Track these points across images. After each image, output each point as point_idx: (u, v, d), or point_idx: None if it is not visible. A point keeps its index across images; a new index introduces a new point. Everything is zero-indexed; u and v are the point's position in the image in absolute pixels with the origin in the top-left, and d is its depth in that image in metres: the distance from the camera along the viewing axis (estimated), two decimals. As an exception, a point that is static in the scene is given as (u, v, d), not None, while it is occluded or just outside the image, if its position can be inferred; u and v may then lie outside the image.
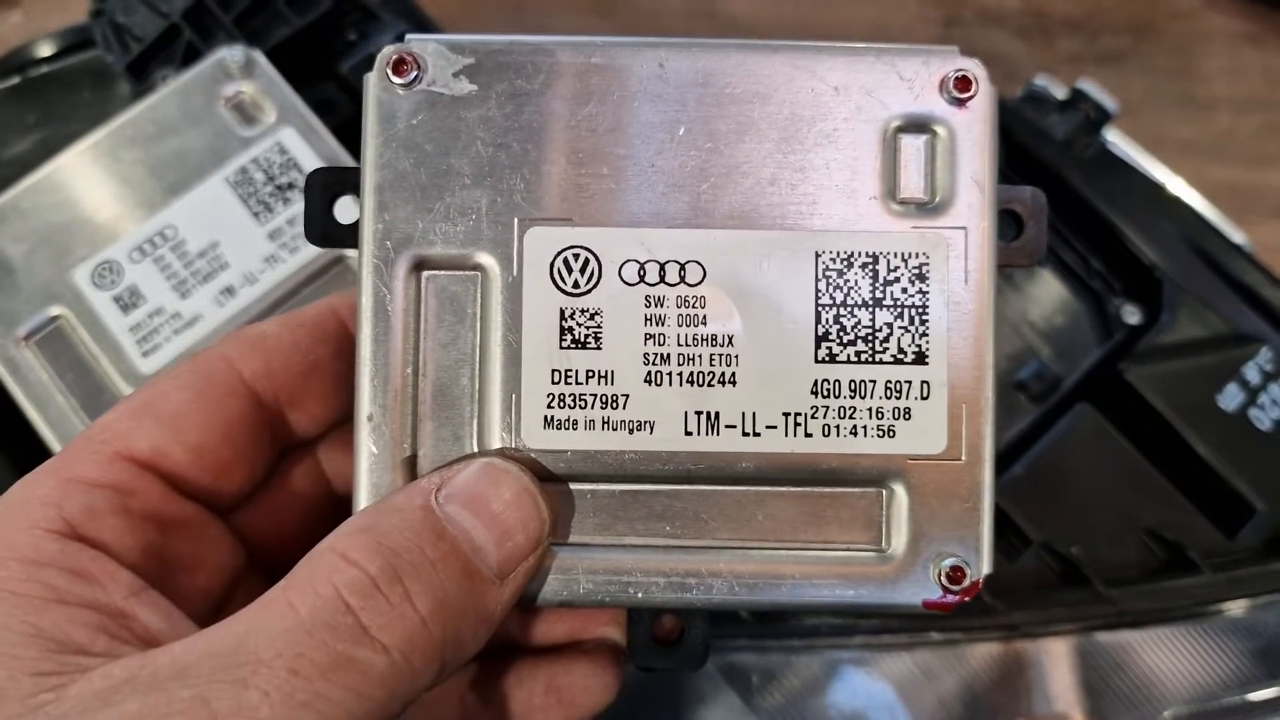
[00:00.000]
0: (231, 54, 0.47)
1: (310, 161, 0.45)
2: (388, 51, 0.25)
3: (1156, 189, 0.55)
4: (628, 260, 0.25)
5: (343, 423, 0.28)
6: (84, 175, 0.45)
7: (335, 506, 0.28)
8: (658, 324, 0.25)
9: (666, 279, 0.25)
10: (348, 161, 0.46)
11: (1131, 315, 0.50)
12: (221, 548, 0.26)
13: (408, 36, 0.25)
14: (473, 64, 0.25)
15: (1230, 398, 0.46)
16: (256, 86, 0.47)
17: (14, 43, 0.55)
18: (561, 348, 0.25)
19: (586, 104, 0.25)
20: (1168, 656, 0.41)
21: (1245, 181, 0.98)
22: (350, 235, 0.25)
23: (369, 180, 0.25)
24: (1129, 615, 0.42)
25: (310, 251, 0.44)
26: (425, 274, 0.25)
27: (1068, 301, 0.50)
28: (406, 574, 0.21)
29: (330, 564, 0.21)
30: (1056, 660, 0.41)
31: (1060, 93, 0.59)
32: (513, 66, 0.25)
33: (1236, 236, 0.54)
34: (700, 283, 0.25)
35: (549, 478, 0.25)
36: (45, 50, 0.56)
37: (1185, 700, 0.40)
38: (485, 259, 0.25)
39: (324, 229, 0.26)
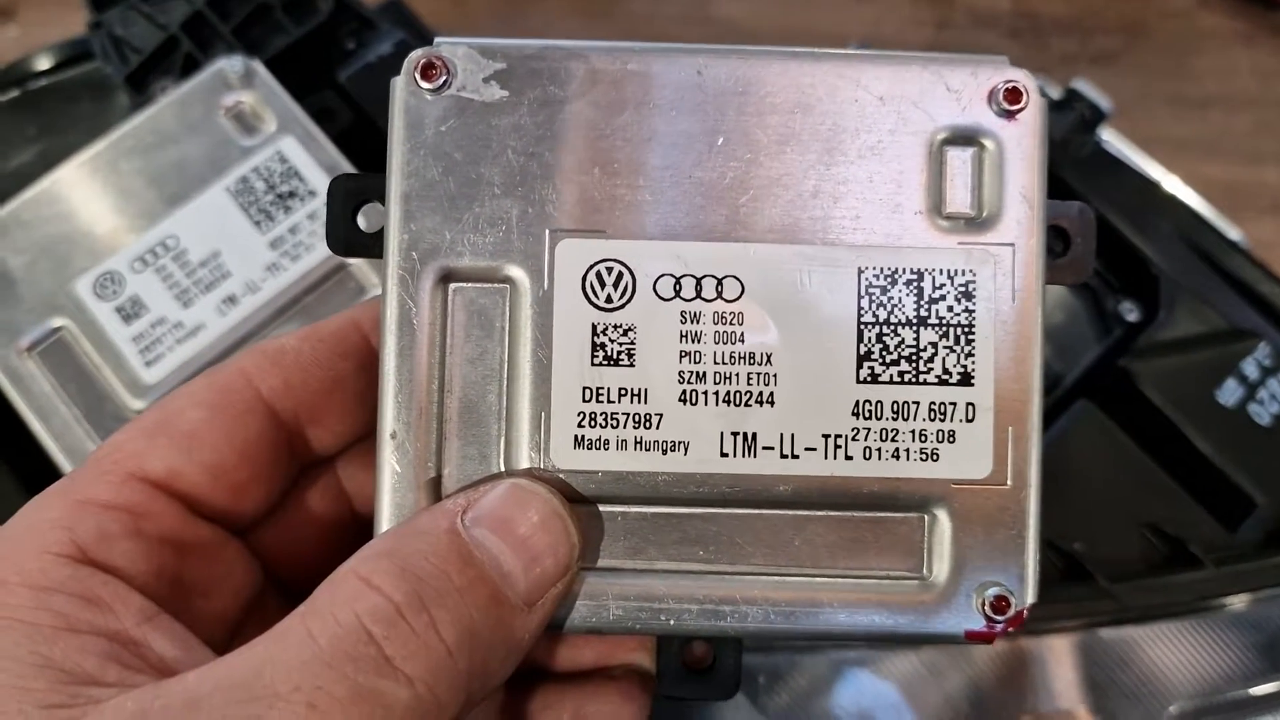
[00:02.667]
0: (230, 64, 0.47)
1: (310, 170, 0.46)
2: (416, 55, 0.24)
3: (1152, 187, 0.55)
4: (663, 274, 0.24)
5: (364, 439, 0.27)
6: (85, 186, 0.45)
7: (356, 526, 0.27)
8: (694, 341, 0.24)
9: (703, 294, 0.24)
10: (347, 169, 0.46)
11: (1130, 312, 0.50)
12: (238, 570, 0.25)
13: (437, 39, 0.24)
14: (504, 69, 0.24)
15: (1229, 393, 0.46)
16: (256, 96, 0.47)
17: (11, 56, 0.55)
18: (593, 365, 0.24)
19: (622, 112, 0.24)
20: (1171, 651, 0.41)
21: (1239, 179, 0.98)
22: (374, 244, 0.25)
23: (395, 188, 0.24)
24: (1132, 611, 0.42)
25: (312, 259, 0.44)
26: (452, 286, 0.24)
27: (1066, 299, 0.51)
28: (432, 601, 0.20)
29: (352, 589, 0.20)
30: (1061, 657, 0.41)
31: (1055, 93, 0.60)
32: (546, 72, 0.24)
33: (1232, 233, 0.55)
34: (738, 298, 0.24)
35: (579, 499, 0.24)
36: (44, 63, 0.56)
37: (1189, 695, 0.40)
38: (515, 271, 0.24)
39: (346, 237, 0.25)
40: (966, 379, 0.24)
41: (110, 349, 0.43)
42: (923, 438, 0.24)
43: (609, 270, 0.24)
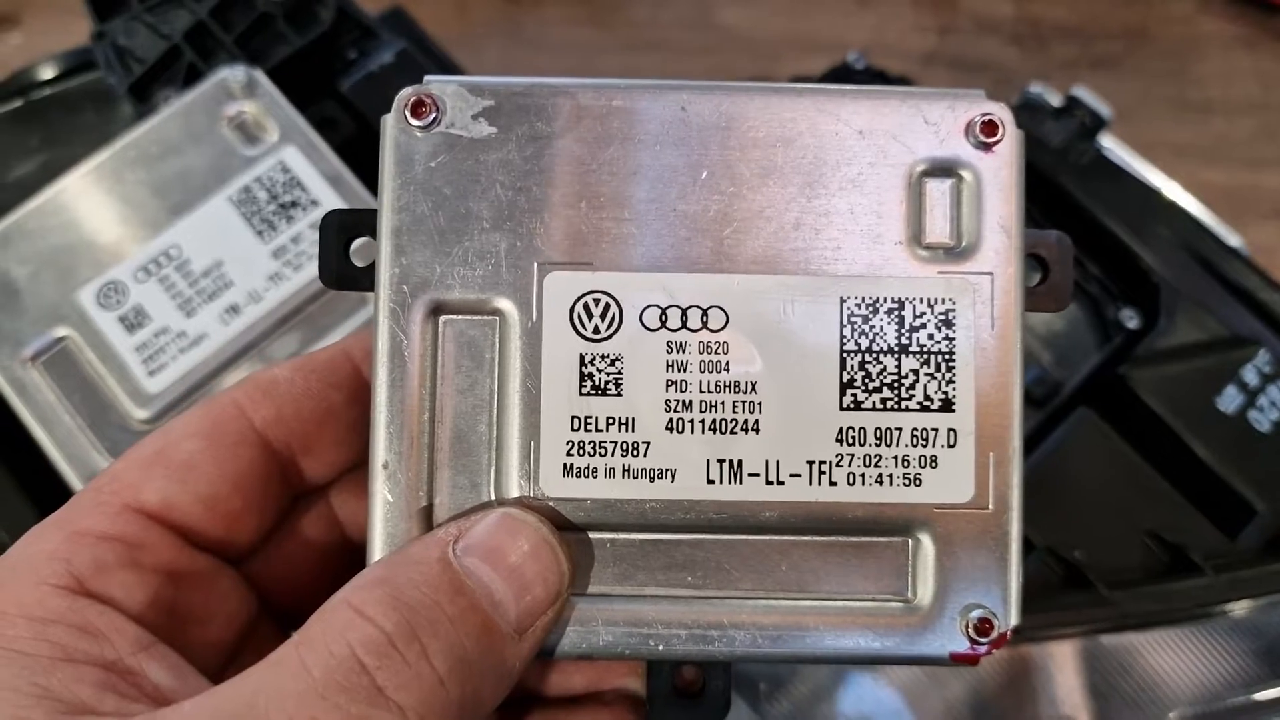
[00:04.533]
0: (233, 73, 0.47)
1: (312, 179, 0.46)
2: (406, 93, 0.24)
3: (1152, 194, 0.56)
4: (649, 305, 0.24)
5: (356, 468, 0.27)
6: (88, 196, 0.46)
7: (349, 554, 0.28)
8: (680, 370, 0.24)
9: (689, 324, 0.24)
10: (349, 179, 0.46)
11: (1130, 320, 0.50)
12: (233, 599, 0.26)
13: (426, 78, 0.25)
14: (492, 106, 0.25)
15: (1229, 400, 0.46)
16: (258, 106, 0.47)
17: (14, 65, 0.56)
18: (581, 394, 0.24)
19: (608, 147, 0.25)
20: (1172, 658, 0.41)
21: (1241, 184, 0.98)
22: (365, 278, 0.25)
23: (386, 223, 0.24)
24: (1132, 618, 0.42)
25: (315, 268, 0.44)
26: (443, 318, 0.24)
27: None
28: (423, 631, 0.20)
29: (344, 619, 0.20)
30: (1062, 664, 0.42)
31: (1055, 100, 0.60)
32: (533, 109, 0.25)
33: (1232, 240, 0.55)
34: (723, 328, 0.24)
35: (568, 527, 0.24)
36: (47, 73, 0.56)
37: (1190, 701, 0.41)
38: (504, 304, 0.24)
39: (339, 271, 0.25)
40: (948, 405, 0.24)
41: (113, 359, 0.43)
42: (905, 463, 0.24)
43: (596, 302, 0.24)
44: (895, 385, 0.24)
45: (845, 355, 0.24)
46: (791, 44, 0.98)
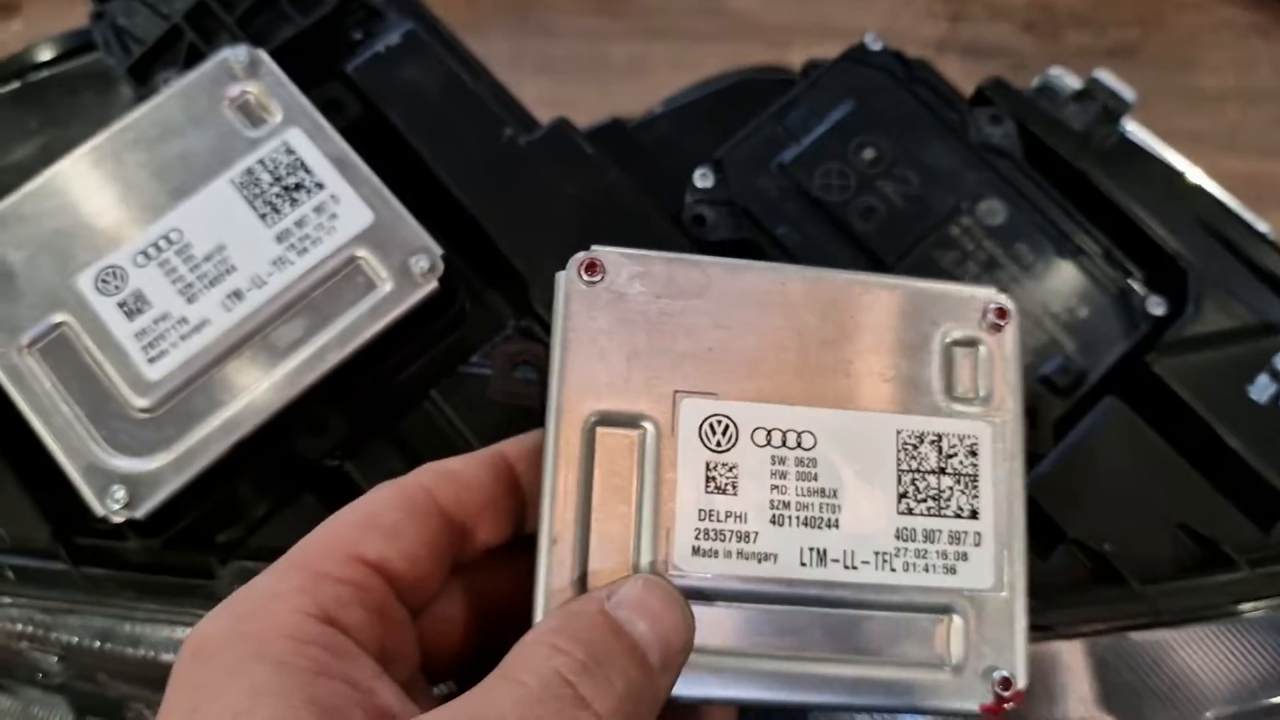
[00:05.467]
0: (235, 54, 0.46)
1: (317, 161, 0.45)
2: (580, 256, 0.32)
3: (1177, 178, 0.54)
4: (758, 427, 0.31)
5: (497, 550, 0.32)
6: (86, 179, 0.44)
7: (481, 619, 0.33)
8: (780, 478, 0.31)
9: (787, 444, 0.31)
10: (355, 161, 0.45)
11: (1157, 307, 0.49)
12: (412, 647, 0.30)
13: (594, 247, 0.32)
14: (644, 271, 0.32)
15: (1262, 389, 0.45)
16: (261, 87, 0.46)
17: (15, 50, 0.54)
18: (706, 492, 0.31)
19: (729, 308, 0.32)
20: (1206, 655, 0.40)
21: (1257, 172, 0.97)
22: (527, 391, 0.33)
23: (557, 354, 0.31)
24: (1165, 613, 0.40)
25: (320, 253, 0.43)
26: (599, 429, 0.31)
27: (1091, 293, 0.49)
28: (603, 661, 0.26)
29: (544, 652, 0.26)
30: (1091, 660, 0.40)
31: (1074, 84, 0.58)
32: (674, 277, 0.32)
33: (1261, 226, 0.53)
34: (813, 448, 0.32)
35: (693, 595, 0.30)
36: (45, 55, 0.55)
37: (1226, 700, 0.39)
38: (648, 422, 0.31)
39: (506, 388, 0.34)
40: (974, 514, 0.32)
41: (113, 345, 0.42)
42: (945, 556, 0.31)
43: (719, 422, 0.31)
44: (937, 498, 0.32)
45: (900, 473, 0.32)
46: (803, 30, 0.97)
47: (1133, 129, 0.58)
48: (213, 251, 0.43)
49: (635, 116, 0.60)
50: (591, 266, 0.32)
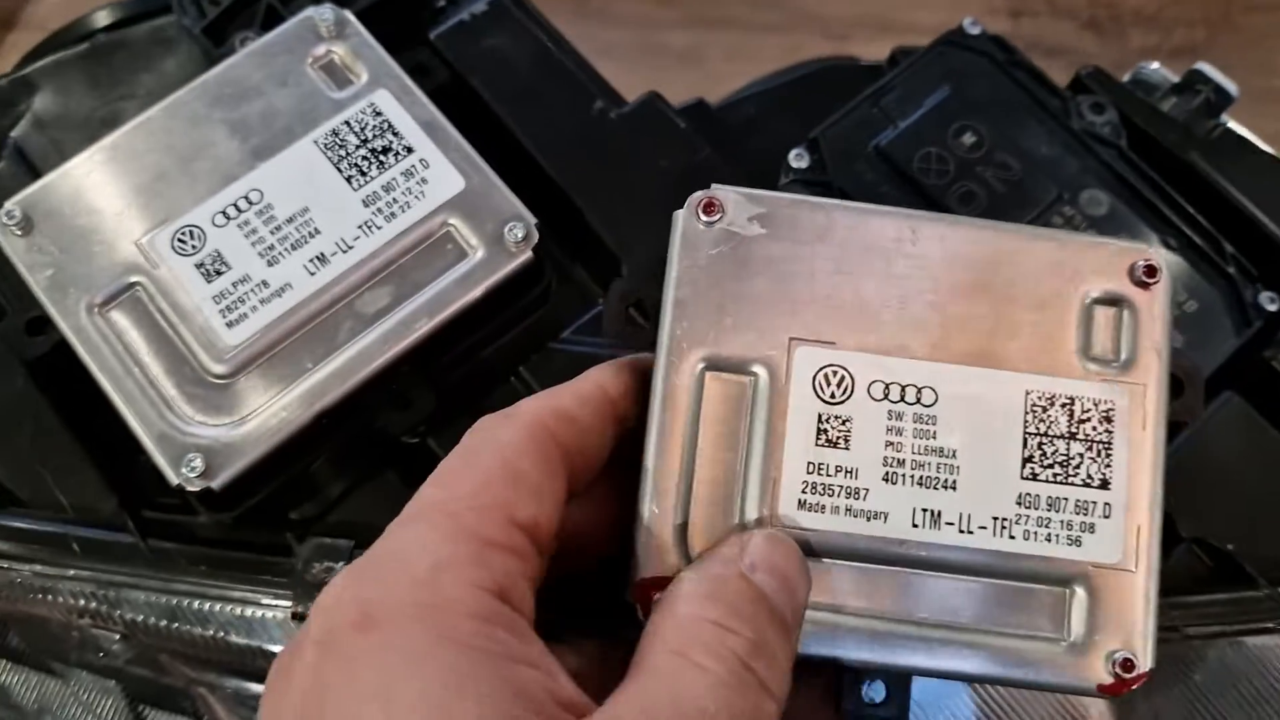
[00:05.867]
0: (321, 13, 0.44)
1: (406, 124, 0.43)
2: (698, 196, 0.30)
3: (1284, 173, 0.52)
4: (875, 380, 0.30)
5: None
6: (162, 136, 0.42)
7: (570, 551, 0.30)
8: (896, 434, 0.30)
9: (905, 399, 0.30)
10: (444, 124, 0.43)
11: (1270, 303, 0.47)
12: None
13: (714, 185, 0.31)
14: (764, 213, 0.31)
15: (1388, 388, 0.43)
16: (347, 47, 0.44)
17: (81, 10, 0.53)
18: (816, 445, 0.30)
19: (852, 254, 0.31)
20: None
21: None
22: (641, 337, 0.31)
23: (670, 294, 0.30)
24: (1294, 618, 0.38)
25: (408, 218, 0.41)
26: (709, 374, 0.30)
27: (1200, 288, 0.47)
28: (765, 639, 0.25)
29: (711, 631, 0.25)
30: (1215, 663, 0.38)
31: (1170, 78, 0.56)
32: (796, 220, 0.31)
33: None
34: (933, 404, 0.30)
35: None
36: (110, 17, 0.53)
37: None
38: (760, 368, 0.30)
39: (620, 329, 0.31)
40: (1105, 484, 0.30)
41: (189, 307, 0.40)
42: (1069, 527, 0.29)
43: (834, 373, 0.30)
44: (1065, 464, 0.30)
45: (1027, 436, 0.30)
46: (862, 24, 0.95)
47: (1233, 124, 0.56)
48: (296, 214, 0.41)
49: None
50: (710, 206, 0.30)
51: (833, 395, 0.30)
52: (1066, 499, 0.30)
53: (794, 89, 0.56)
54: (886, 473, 0.30)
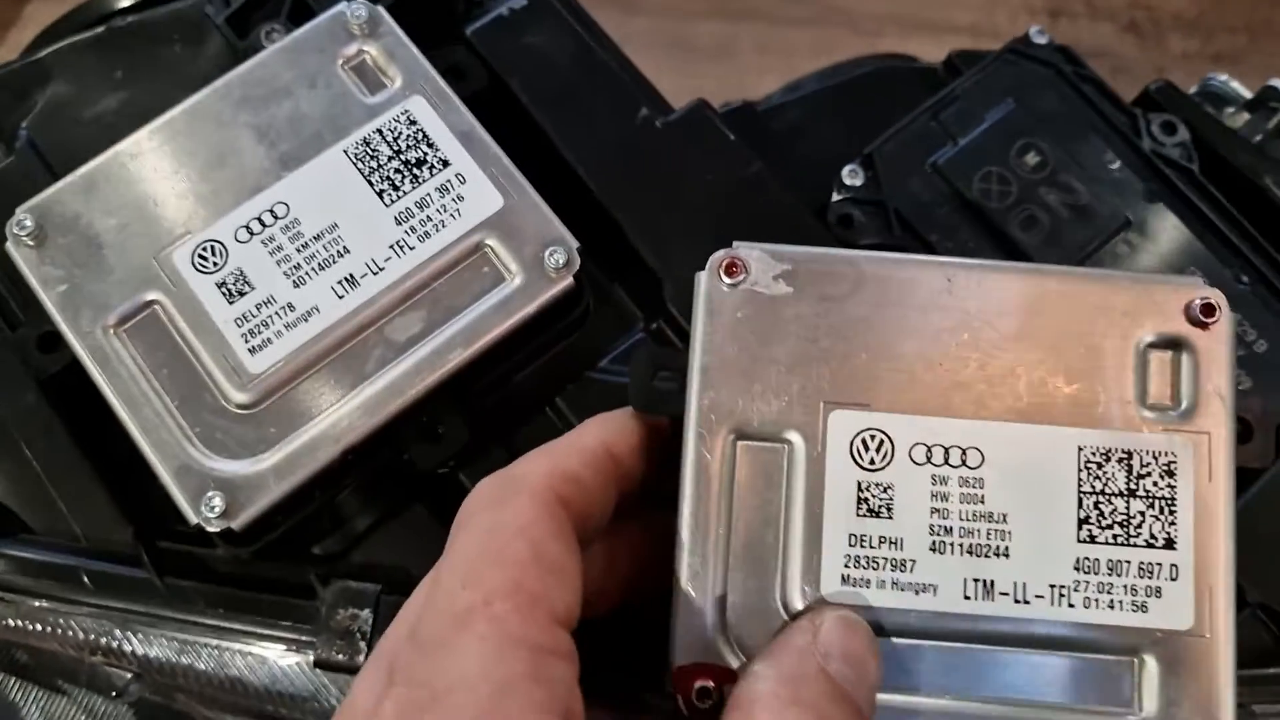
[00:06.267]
0: (353, 9, 0.41)
1: (441, 134, 0.40)
2: (719, 255, 0.30)
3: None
4: (916, 443, 0.29)
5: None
6: (183, 141, 0.40)
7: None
8: (941, 500, 0.28)
9: (950, 461, 0.28)
10: (482, 135, 0.40)
11: (1353, 340, 0.44)
12: None
13: (735, 244, 0.30)
14: (790, 270, 0.30)
15: None
16: (380, 47, 0.41)
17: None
18: (857, 515, 0.28)
19: (885, 309, 0.29)
20: None
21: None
22: (669, 403, 0.29)
23: (697, 361, 0.29)
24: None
25: (443, 238, 0.39)
26: (740, 443, 0.29)
27: (1272, 326, 0.45)
28: None
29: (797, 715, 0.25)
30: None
31: (1240, 92, 0.54)
32: (824, 275, 0.30)
33: None
34: (979, 466, 0.28)
35: None
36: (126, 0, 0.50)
37: None
38: (793, 435, 0.29)
39: (648, 397, 0.30)
40: (1170, 544, 0.28)
41: (210, 330, 0.37)
42: (1134, 592, 0.28)
43: (872, 437, 0.29)
44: (1125, 524, 0.28)
45: (1082, 495, 0.28)
46: (895, 21, 0.92)
47: None
48: (324, 230, 0.39)
49: (756, 99, 0.55)
50: (732, 266, 0.30)
51: (872, 461, 0.29)
52: (1129, 562, 0.28)
53: (843, 92, 0.53)
54: (934, 541, 0.28)
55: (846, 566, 0.28)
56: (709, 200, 0.43)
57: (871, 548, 0.28)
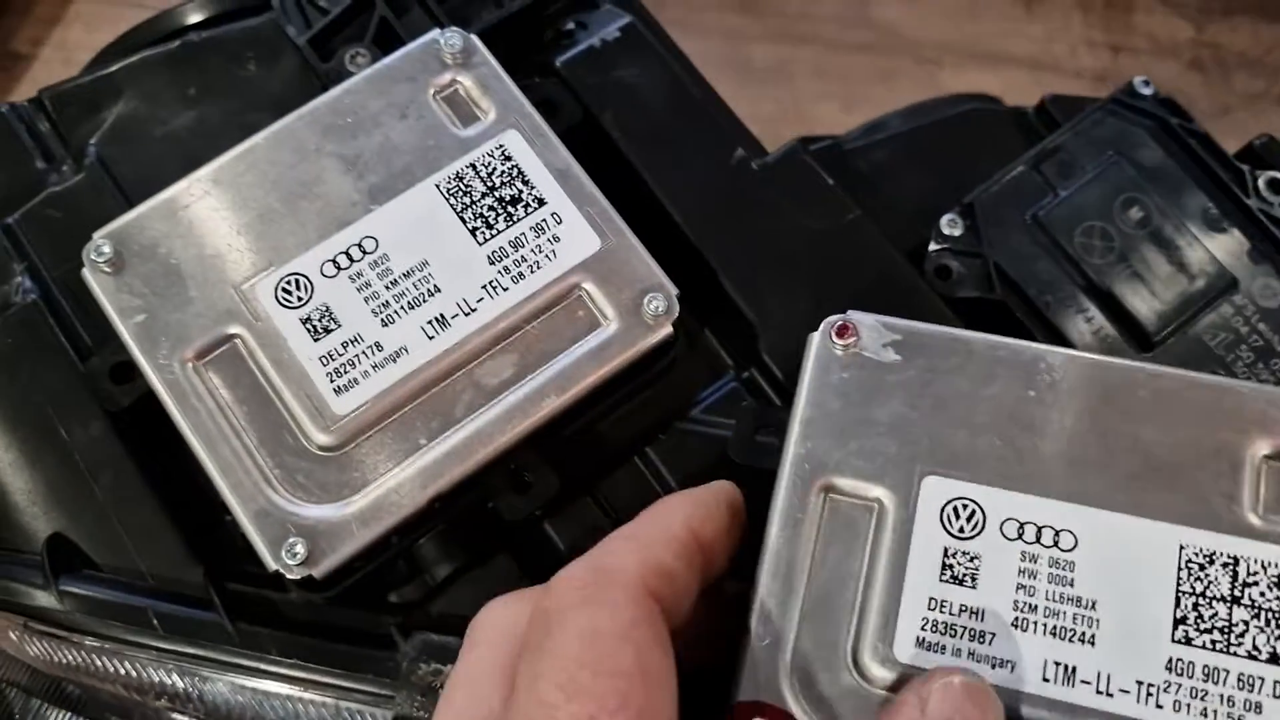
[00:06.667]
0: (447, 37, 0.40)
1: (537, 171, 0.38)
2: (833, 320, 0.31)
3: None
4: (1008, 518, 0.29)
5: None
6: (267, 169, 0.38)
7: None
8: (1029, 577, 0.28)
9: (1042, 541, 0.28)
10: (579, 174, 0.39)
11: None
12: None
13: (849, 311, 0.31)
14: (899, 340, 0.31)
15: None
16: (474, 78, 0.40)
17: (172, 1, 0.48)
18: (941, 580, 0.28)
19: (989, 386, 0.30)
20: None
21: None
22: (767, 455, 0.31)
23: (799, 413, 0.30)
24: None
25: (538, 280, 0.37)
26: (831, 496, 0.29)
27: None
28: None
29: None
30: None
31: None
32: (932, 348, 0.31)
33: None
34: (1072, 549, 0.28)
35: None
36: (202, 14, 0.49)
37: None
38: (884, 494, 0.29)
39: (749, 449, 0.32)
40: (1275, 659, 0.27)
41: (293, 367, 0.36)
42: (1230, 703, 0.27)
43: (964, 507, 0.29)
44: (1225, 631, 0.27)
45: (1180, 594, 0.28)
46: (953, 49, 0.90)
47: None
48: (414, 268, 0.37)
49: (838, 134, 0.54)
50: (844, 330, 0.31)
51: (961, 530, 0.29)
52: (1227, 671, 0.27)
53: (931, 134, 0.51)
54: (1016, 618, 0.28)
55: (923, 629, 0.28)
56: (806, 248, 0.42)
57: (952, 614, 0.28)
